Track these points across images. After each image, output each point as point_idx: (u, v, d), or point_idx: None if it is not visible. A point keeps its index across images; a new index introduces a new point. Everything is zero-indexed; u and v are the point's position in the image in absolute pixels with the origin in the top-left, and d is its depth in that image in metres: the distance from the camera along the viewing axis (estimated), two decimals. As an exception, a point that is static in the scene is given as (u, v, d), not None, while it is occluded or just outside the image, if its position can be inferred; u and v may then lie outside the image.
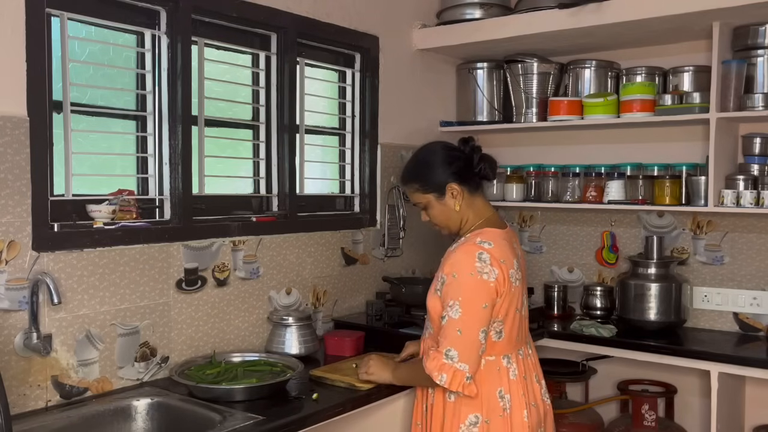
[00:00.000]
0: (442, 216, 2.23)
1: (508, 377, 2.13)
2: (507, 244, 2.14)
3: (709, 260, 3.36)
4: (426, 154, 2.26)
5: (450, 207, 2.20)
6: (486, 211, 2.24)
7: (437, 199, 2.21)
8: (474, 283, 2.03)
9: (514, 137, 3.87)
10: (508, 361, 2.14)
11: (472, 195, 2.22)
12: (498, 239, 2.12)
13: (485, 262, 2.04)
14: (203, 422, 2.06)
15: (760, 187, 2.98)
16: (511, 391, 2.12)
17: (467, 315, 2.02)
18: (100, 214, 2.28)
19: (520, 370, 2.16)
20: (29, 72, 2.08)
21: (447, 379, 2.03)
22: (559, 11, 3.14)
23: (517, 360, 2.17)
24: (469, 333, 2.02)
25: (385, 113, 3.38)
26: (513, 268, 2.10)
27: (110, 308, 2.31)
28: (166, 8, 2.49)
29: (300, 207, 3.01)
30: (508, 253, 2.11)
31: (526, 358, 2.22)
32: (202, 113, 2.64)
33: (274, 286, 2.86)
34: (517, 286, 2.11)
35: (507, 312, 2.10)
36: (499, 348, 2.13)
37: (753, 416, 3.26)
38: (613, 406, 3.58)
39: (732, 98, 2.98)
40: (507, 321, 2.11)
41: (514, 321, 2.13)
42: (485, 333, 2.05)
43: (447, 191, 2.19)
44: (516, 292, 2.11)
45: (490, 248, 2.07)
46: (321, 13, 3.01)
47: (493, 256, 2.05)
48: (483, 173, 2.20)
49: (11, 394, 2.02)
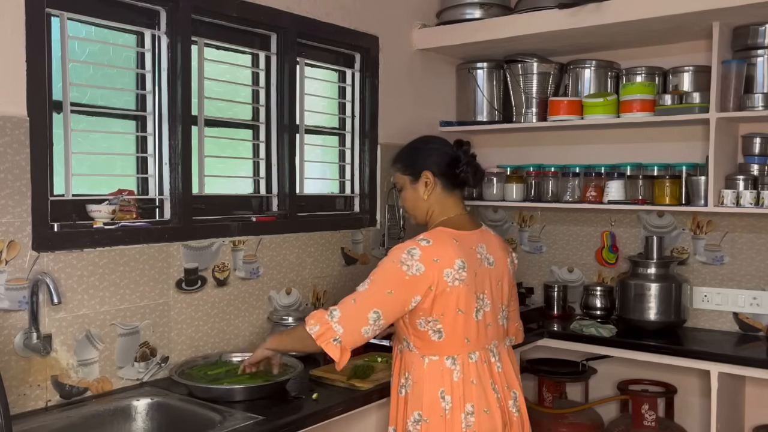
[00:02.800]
0: (410, 201, 2.26)
1: (451, 379, 2.08)
2: (455, 244, 2.08)
3: (709, 260, 3.36)
4: (419, 140, 2.32)
5: (419, 194, 2.22)
6: (453, 210, 2.22)
7: (411, 183, 2.24)
8: (390, 269, 2.06)
9: (514, 137, 3.87)
10: (452, 362, 2.09)
11: (446, 192, 2.21)
12: (443, 238, 2.10)
13: (412, 257, 2.04)
14: (203, 422, 2.06)
15: (760, 187, 2.98)
16: (453, 394, 2.07)
17: (370, 291, 2.06)
18: (100, 214, 2.28)
19: (466, 373, 2.09)
20: (29, 72, 2.08)
21: (318, 330, 2.03)
22: (559, 11, 3.14)
23: (465, 363, 2.10)
24: (360, 305, 2.04)
25: (384, 113, 3.38)
26: (452, 268, 2.04)
27: (110, 308, 2.31)
28: (166, 8, 2.49)
29: (300, 207, 3.01)
30: (449, 253, 2.06)
31: (482, 364, 2.12)
32: (202, 113, 2.64)
33: (274, 286, 2.86)
34: (455, 287, 2.05)
35: (443, 312, 2.06)
36: (440, 348, 2.09)
37: (753, 416, 3.26)
38: (613, 406, 3.58)
39: (732, 98, 2.98)
40: (445, 321, 2.07)
41: (456, 322, 2.07)
42: (378, 315, 2.03)
43: (421, 177, 2.21)
44: (454, 292, 2.05)
45: (425, 246, 2.06)
46: (321, 13, 3.01)
47: (425, 253, 2.04)
48: (464, 176, 2.20)
49: (11, 394, 2.02)
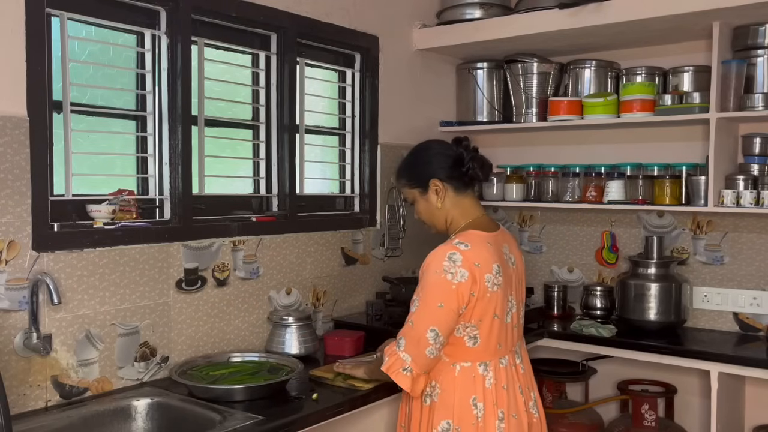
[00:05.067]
0: (426, 212, 2.23)
1: (484, 385, 2.06)
2: (490, 248, 2.06)
3: (709, 260, 3.36)
4: (417, 149, 2.27)
5: (432, 203, 2.19)
6: (474, 211, 2.19)
7: (421, 195, 2.21)
8: (435, 281, 2.01)
9: (514, 137, 3.87)
10: (485, 368, 2.07)
11: (459, 194, 2.18)
12: (478, 241, 2.06)
13: (454, 263, 2.00)
14: (203, 422, 2.06)
15: (760, 187, 2.98)
16: (486, 400, 2.05)
17: (421, 310, 2.02)
18: (100, 214, 2.28)
19: (498, 379, 2.08)
20: (29, 72, 2.08)
21: (388, 362, 2.04)
22: (559, 11, 3.14)
23: (497, 369, 2.08)
24: (418, 327, 2.01)
25: (385, 113, 3.38)
26: (491, 273, 2.02)
27: (110, 308, 2.31)
28: (166, 8, 2.49)
29: (300, 207, 3.01)
30: (486, 257, 2.03)
31: (510, 368, 2.12)
32: (202, 113, 2.64)
33: (274, 286, 2.86)
34: (494, 292, 2.03)
35: (481, 317, 2.03)
36: (475, 354, 2.06)
37: (753, 416, 3.26)
38: (613, 406, 3.58)
39: (732, 98, 2.98)
40: (482, 327, 2.04)
41: (492, 328, 2.05)
42: (436, 333, 1.99)
43: (430, 187, 2.17)
44: (493, 297, 2.03)
45: (465, 250, 2.02)
46: (321, 13, 3.01)
47: (465, 258, 2.00)
48: (472, 173, 2.16)
49: (11, 394, 2.02)
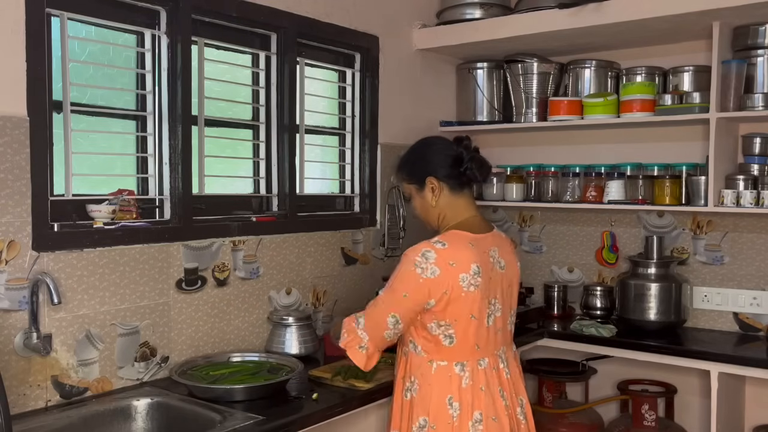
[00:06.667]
0: (421, 209, 2.24)
1: (460, 385, 2.06)
2: (471, 249, 2.06)
3: (709, 260, 3.36)
4: (418, 145, 2.28)
5: (428, 200, 2.19)
6: (466, 212, 2.18)
7: (418, 191, 2.22)
8: (405, 272, 2.05)
9: (514, 137, 3.87)
10: (461, 368, 2.07)
11: (455, 194, 2.18)
12: (458, 241, 2.07)
13: (427, 260, 2.02)
14: (203, 422, 2.06)
15: (760, 187, 2.98)
16: (462, 400, 2.05)
17: (388, 295, 2.08)
18: (100, 214, 2.28)
19: (475, 380, 2.07)
20: (29, 72, 2.08)
21: (347, 338, 2.10)
22: (559, 11, 3.14)
23: (474, 370, 2.08)
24: (381, 310, 2.07)
25: (385, 113, 3.37)
26: (467, 273, 2.02)
27: (110, 308, 2.31)
28: (166, 8, 2.49)
29: (300, 207, 3.01)
30: (464, 257, 2.03)
31: (491, 370, 2.11)
32: (202, 113, 2.64)
33: (274, 286, 2.86)
34: (470, 292, 2.03)
35: (457, 317, 2.04)
36: (450, 354, 2.07)
37: (753, 416, 3.26)
38: (613, 406, 3.58)
39: (732, 98, 2.98)
40: (458, 327, 2.05)
41: (468, 328, 2.05)
42: (396, 319, 2.05)
43: (427, 184, 2.18)
44: (469, 297, 2.03)
45: (441, 248, 2.03)
46: (321, 13, 3.01)
47: (440, 256, 2.01)
48: (470, 173, 2.16)
49: (11, 394, 2.02)
